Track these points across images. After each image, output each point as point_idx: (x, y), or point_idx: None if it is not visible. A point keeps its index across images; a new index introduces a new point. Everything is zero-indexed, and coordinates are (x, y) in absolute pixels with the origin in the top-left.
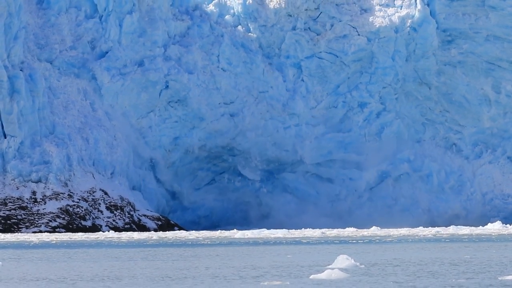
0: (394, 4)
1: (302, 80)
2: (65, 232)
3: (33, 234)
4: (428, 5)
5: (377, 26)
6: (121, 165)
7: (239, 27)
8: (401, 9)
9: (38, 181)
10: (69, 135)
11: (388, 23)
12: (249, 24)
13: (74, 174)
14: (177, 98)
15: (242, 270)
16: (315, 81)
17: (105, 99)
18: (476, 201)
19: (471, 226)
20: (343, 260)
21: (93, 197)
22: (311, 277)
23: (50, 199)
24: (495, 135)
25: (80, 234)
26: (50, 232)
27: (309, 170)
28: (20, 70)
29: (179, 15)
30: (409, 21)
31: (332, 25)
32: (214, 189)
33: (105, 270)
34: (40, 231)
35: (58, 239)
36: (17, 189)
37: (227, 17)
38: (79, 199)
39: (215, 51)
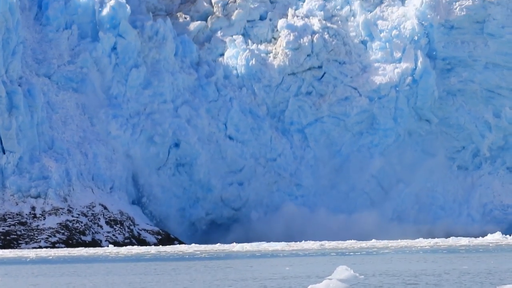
0: (394, 57)
1: (309, 146)
2: (65, 247)
3: (32, 249)
4: (428, 41)
5: (377, 83)
6: (120, 180)
7: (244, 89)
8: (400, 63)
9: (38, 196)
10: (68, 150)
11: (388, 80)
12: (253, 85)
13: (73, 189)
14: (185, 160)
15: (241, 282)
16: (322, 146)
17: (111, 145)
18: (476, 212)
19: (470, 237)
20: (342, 271)
21: (93, 212)
22: (309, 287)
23: (50, 214)
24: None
25: (78, 249)
26: (50, 247)
27: None
28: (19, 85)
29: (186, 68)
30: (409, 78)
31: (334, 86)
32: None
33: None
34: (40, 247)
35: (55, 254)
36: (17, 204)
37: (231, 78)
38: (79, 214)
39: (222, 118)
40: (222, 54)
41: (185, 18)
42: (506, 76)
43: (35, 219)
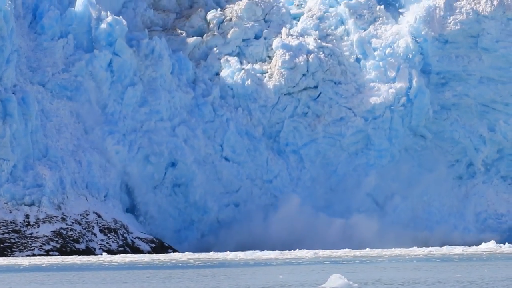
0: (388, 76)
1: (305, 167)
2: (59, 255)
3: (26, 257)
4: (422, 53)
5: (372, 103)
6: (114, 188)
7: (240, 109)
8: (394, 82)
9: (31, 204)
10: (62, 158)
11: (383, 100)
12: (249, 105)
13: (67, 197)
14: (181, 181)
15: None
16: (317, 167)
17: (105, 154)
18: (470, 221)
19: (465, 246)
20: (336, 279)
21: (87, 220)
22: None
23: (44, 222)
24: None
25: (71, 257)
26: (44, 255)
27: None
28: (13, 93)
29: (183, 87)
30: (403, 98)
31: (330, 107)
32: None
33: None
34: (34, 255)
35: (49, 262)
36: (10, 212)
37: (227, 98)
38: (73, 222)
39: (218, 139)
40: (217, 73)
41: (181, 33)
42: (500, 90)
43: (29, 227)
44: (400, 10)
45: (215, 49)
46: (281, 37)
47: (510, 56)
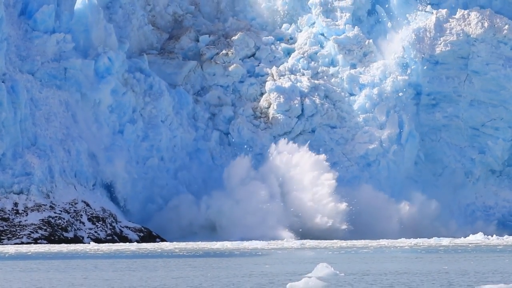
0: (378, 119)
1: None
2: (47, 243)
3: (14, 245)
4: (414, 76)
5: (364, 149)
6: (103, 177)
7: (237, 157)
8: (384, 128)
9: (20, 192)
10: (51, 146)
11: (375, 146)
12: (246, 152)
13: (56, 186)
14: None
15: (219, 280)
16: None
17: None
18: (458, 212)
19: (453, 237)
20: (322, 268)
21: (75, 209)
22: (288, 285)
23: (32, 210)
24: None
25: (58, 245)
26: (32, 243)
27: None
28: (2, 82)
29: (185, 126)
30: (394, 146)
31: (326, 151)
32: None
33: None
34: (22, 243)
35: (35, 250)
36: None
37: (225, 145)
38: (61, 211)
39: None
40: (214, 115)
41: (177, 56)
42: (491, 113)
43: (17, 215)
44: (389, 35)
45: (212, 80)
46: (273, 76)
47: (501, 79)
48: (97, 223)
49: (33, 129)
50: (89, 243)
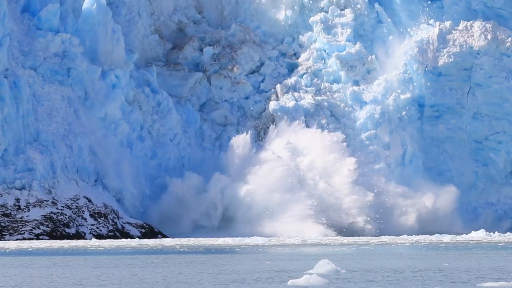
0: (382, 140)
1: None
2: (49, 239)
3: (16, 241)
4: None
5: (370, 170)
6: (105, 173)
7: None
8: (388, 149)
9: (22, 188)
10: (53, 142)
11: (382, 165)
12: None
13: (58, 182)
14: None
15: (221, 276)
16: None
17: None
18: (460, 209)
19: (455, 234)
20: (324, 265)
21: (77, 205)
22: (289, 282)
23: (34, 206)
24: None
25: (59, 241)
26: (34, 239)
27: None
28: (5, 77)
29: (193, 145)
30: (399, 168)
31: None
32: None
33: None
34: (24, 238)
35: (35, 246)
36: (1, 196)
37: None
38: (63, 207)
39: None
40: (220, 137)
41: (183, 69)
42: (494, 126)
43: (19, 210)
44: (391, 50)
45: (217, 92)
46: (277, 95)
47: (504, 91)
48: (99, 219)
49: (35, 125)
50: (91, 239)
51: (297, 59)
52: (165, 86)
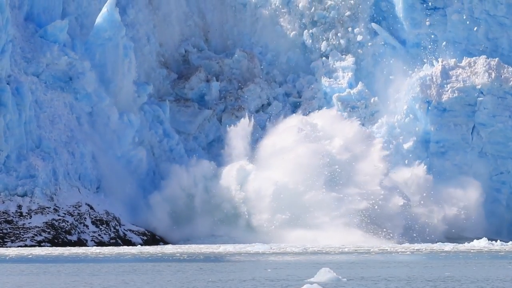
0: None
1: None
2: (50, 246)
3: (17, 248)
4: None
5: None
6: (107, 180)
7: None
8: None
9: (24, 195)
10: (55, 149)
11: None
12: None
13: (60, 188)
14: None
15: (220, 284)
16: None
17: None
18: (461, 218)
19: (456, 243)
20: (325, 273)
21: (79, 212)
22: None
23: (36, 213)
24: None
25: (60, 248)
26: (35, 246)
27: None
28: (7, 83)
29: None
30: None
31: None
32: None
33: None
34: (26, 245)
35: (36, 253)
36: (3, 203)
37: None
38: (65, 214)
39: None
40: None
41: (193, 105)
42: (499, 166)
43: (21, 217)
44: (393, 90)
45: (225, 131)
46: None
47: (508, 130)
48: (100, 226)
49: (38, 131)
50: (92, 247)
51: (300, 97)
52: (172, 122)
